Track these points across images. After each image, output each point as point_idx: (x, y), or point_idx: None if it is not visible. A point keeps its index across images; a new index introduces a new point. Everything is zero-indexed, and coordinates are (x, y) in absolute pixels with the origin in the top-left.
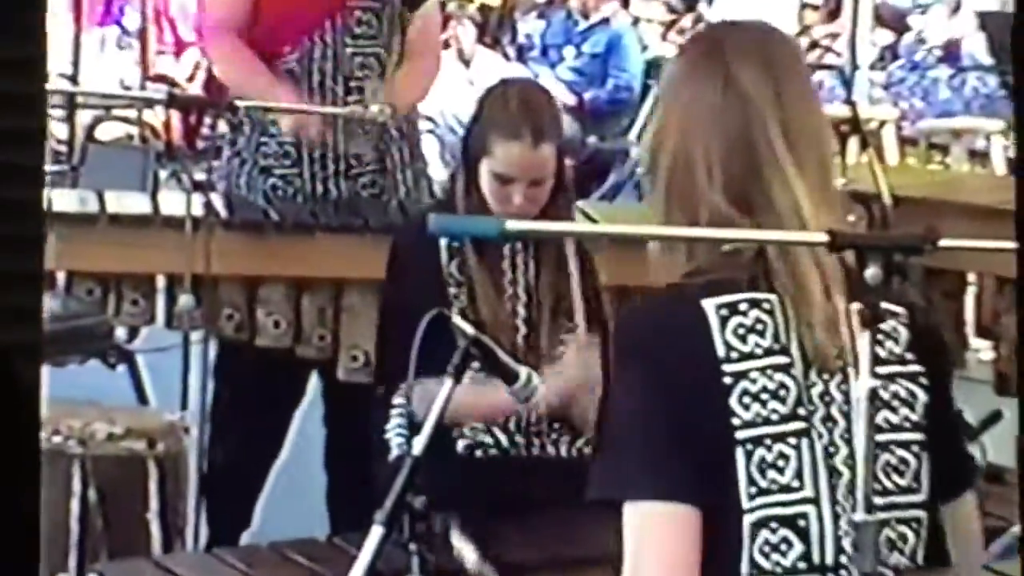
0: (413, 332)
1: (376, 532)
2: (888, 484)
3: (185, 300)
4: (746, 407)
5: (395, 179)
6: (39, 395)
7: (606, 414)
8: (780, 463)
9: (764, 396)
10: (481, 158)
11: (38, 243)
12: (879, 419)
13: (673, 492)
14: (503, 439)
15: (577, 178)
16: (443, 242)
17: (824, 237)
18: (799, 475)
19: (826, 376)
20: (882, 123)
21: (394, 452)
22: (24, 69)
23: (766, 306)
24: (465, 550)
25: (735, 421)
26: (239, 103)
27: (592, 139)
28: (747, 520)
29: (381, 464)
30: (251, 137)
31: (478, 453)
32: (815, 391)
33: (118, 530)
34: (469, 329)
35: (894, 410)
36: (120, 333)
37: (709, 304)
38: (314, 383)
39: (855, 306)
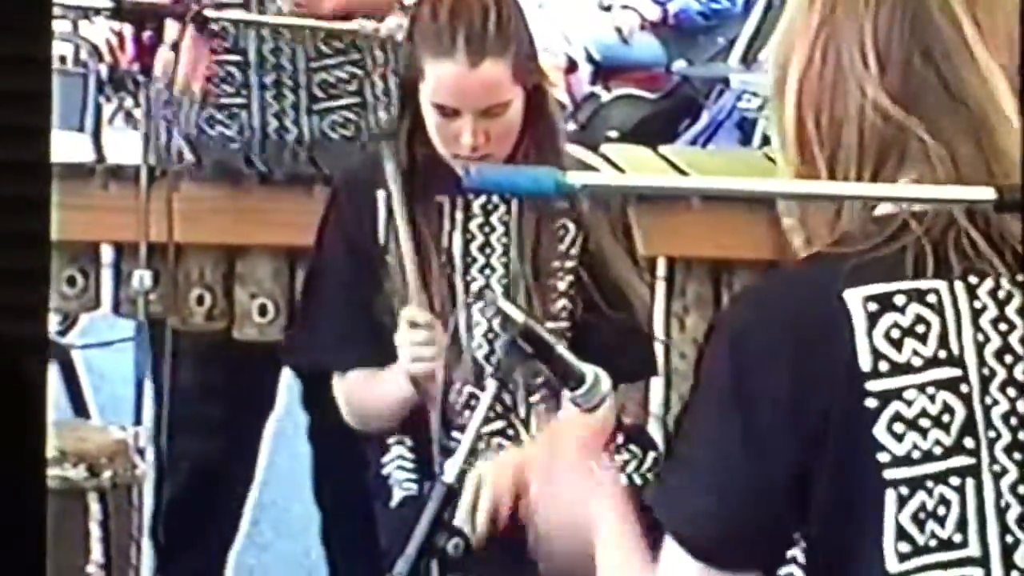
0: (337, 312)
1: None
2: None
3: (140, 277)
4: (899, 438)
5: (376, 116)
6: (45, 392)
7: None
8: (940, 511)
9: (924, 422)
10: (417, 83)
11: (45, 240)
12: None
13: (727, 558)
14: None
15: (661, 116)
16: (381, 195)
17: (989, 193)
18: (962, 527)
19: (1013, 392)
20: None
21: (397, 495)
22: (29, 66)
23: (931, 298)
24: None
25: (883, 457)
26: (210, 13)
27: (680, 64)
28: None
29: (383, 511)
30: None
31: None
32: (997, 411)
33: None
34: (517, 315)
35: None
36: (50, 321)
37: (853, 296)
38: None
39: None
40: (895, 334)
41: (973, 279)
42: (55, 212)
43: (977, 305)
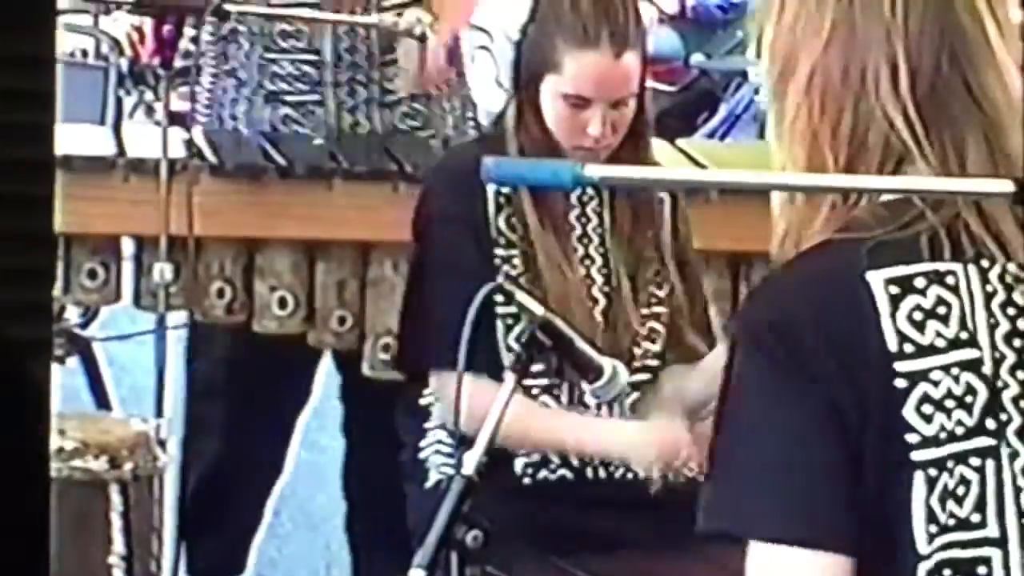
0: (448, 309)
1: None
2: None
3: (160, 270)
4: (927, 419)
5: (441, 108)
6: (49, 392)
7: (722, 414)
8: (960, 490)
9: (949, 403)
10: (543, 75)
11: (49, 240)
12: None
13: (821, 537)
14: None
15: (679, 109)
16: (491, 188)
17: (1007, 186)
18: (980, 507)
19: (1023, 375)
20: None
21: (433, 477)
22: (34, 66)
23: (949, 280)
24: None
25: (912, 438)
26: (230, 7)
27: (698, 57)
28: (923, 568)
29: (416, 491)
30: (252, 52)
31: (543, 474)
32: (1008, 395)
33: None
34: (537, 308)
35: None
36: (72, 315)
37: (876, 278)
38: (324, 379)
39: None
40: (917, 316)
41: (984, 263)
42: (76, 205)
43: (989, 289)
